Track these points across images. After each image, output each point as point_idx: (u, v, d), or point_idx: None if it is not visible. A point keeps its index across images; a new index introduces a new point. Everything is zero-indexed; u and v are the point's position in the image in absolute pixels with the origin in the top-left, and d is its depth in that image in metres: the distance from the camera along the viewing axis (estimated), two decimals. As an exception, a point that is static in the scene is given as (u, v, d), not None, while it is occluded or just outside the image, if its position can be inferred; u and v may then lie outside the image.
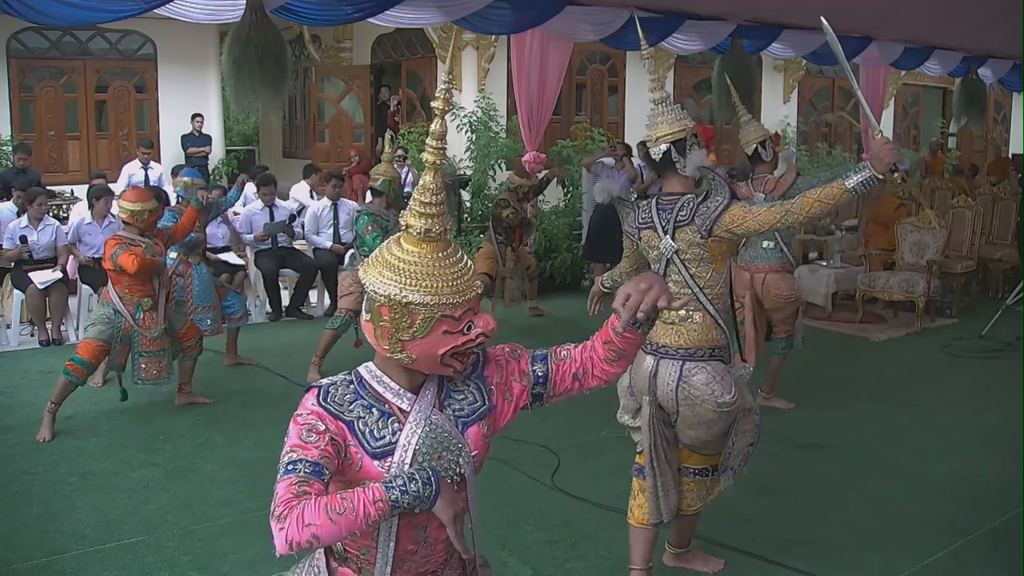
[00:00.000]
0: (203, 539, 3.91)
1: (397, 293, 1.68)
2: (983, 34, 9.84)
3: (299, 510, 1.57)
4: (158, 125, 13.00)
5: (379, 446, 1.74)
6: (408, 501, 1.63)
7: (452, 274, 1.71)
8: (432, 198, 1.73)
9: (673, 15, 8.19)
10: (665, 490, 3.33)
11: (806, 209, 3.05)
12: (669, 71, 13.52)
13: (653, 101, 3.28)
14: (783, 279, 5.48)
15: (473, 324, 1.74)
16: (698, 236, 3.15)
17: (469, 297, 1.72)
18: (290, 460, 1.66)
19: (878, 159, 2.98)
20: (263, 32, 6.06)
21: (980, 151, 17.62)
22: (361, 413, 1.76)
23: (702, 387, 3.17)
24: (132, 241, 5.33)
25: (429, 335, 1.70)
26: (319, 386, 1.78)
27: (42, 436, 5.15)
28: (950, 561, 3.84)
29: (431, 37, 11.59)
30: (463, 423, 1.83)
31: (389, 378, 1.80)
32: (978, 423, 5.66)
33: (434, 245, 1.73)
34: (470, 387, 1.86)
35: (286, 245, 8.52)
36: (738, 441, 3.34)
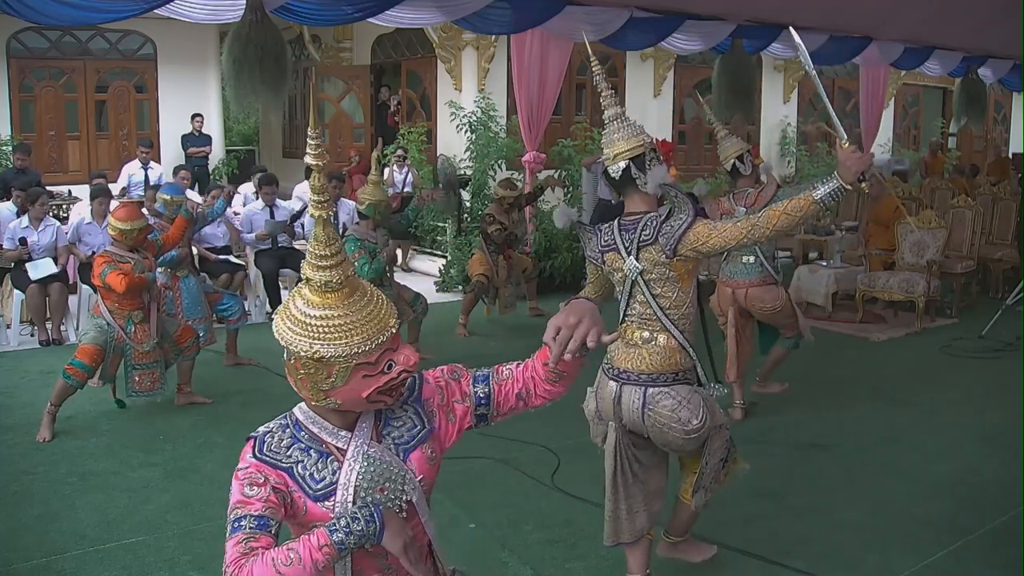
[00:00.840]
0: (203, 539, 3.92)
1: (307, 349, 1.66)
2: (983, 34, 9.85)
3: (248, 568, 1.59)
4: (158, 125, 13.00)
5: (319, 488, 1.74)
6: (354, 541, 1.64)
7: (360, 321, 1.68)
8: (326, 250, 1.69)
9: (673, 15, 8.19)
10: (632, 513, 3.27)
11: (772, 222, 2.96)
12: (669, 71, 13.51)
13: (607, 117, 3.19)
14: (766, 291, 5.44)
15: (394, 363, 1.72)
16: (663, 256, 3.06)
17: (382, 340, 1.68)
18: (236, 518, 1.67)
19: (845, 168, 2.89)
20: (263, 32, 6.06)
21: (980, 151, 17.62)
22: (299, 457, 1.75)
23: (668, 414, 3.09)
24: (121, 258, 5.33)
25: (348, 383, 1.68)
26: (255, 436, 1.78)
27: (42, 436, 5.15)
28: (950, 561, 3.83)
29: (431, 37, 11.58)
30: (404, 450, 1.81)
31: (323, 419, 1.79)
32: (978, 423, 5.65)
33: (338, 294, 1.69)
34: (408, 412, 1.84)
35: (286, 245, 8.52)
36: (711, 460, 3.29)
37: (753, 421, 5.56)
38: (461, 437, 1.91)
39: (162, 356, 5.57)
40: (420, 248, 11.33)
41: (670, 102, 13.73)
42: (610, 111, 3.19)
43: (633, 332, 3.18)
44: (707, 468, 3.30)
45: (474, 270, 7.77)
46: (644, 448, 3.26)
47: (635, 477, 3.26)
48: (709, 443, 3.25)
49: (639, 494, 3.28)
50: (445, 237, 10.64)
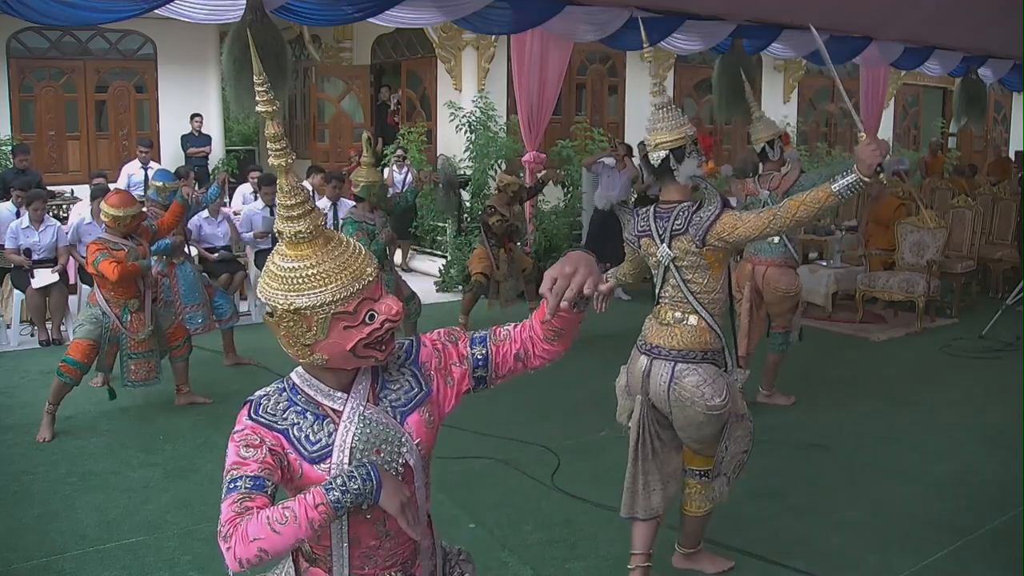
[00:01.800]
0: (203, 539, 3.92)
1: (283, 301, 1.67)
2: (983, 34, 9.85)
3: (243, 527, 1.58)
4: (158, 125, 13.00)
5: (315, 450, 1.73)
6: (350, 500, 1.63)
7: (334, 269, 1.67)
8: (292, 199, 1.69)
9: (673, 15, 8.19)
10: (648, 489, 3.36)
11: (792, 213, 3.07)
12: (669, 71, 13.50)
13: (654, 105, 3.28)
14: (784, 274, 5.49)
15: (375, 312, 1.70)
16: (693, 245, 3.19)
17: (359, 288, 1.67)
18: (231, 479, 1.67)
19: (861, 161, 2.98)
20: (263, 32, 6.06)
21: (980, 151, 17.61)
22: (295, 419, 1.75)
23: (692, 389, 3.19)
24: (115, 245, 5.31)
25: (330, 334, 1.68)
26: (251, 400, 1.78)
27: (42, 436, 5.15)
28: (950, 561, 3.84)
29: (431, 37, 11.58)
30: (401, 413, 1.80)
31: (318, 380, 1.78)
32: (978, 423, 5.66)
33: (312, 244, 1.69)
34: (405, 375, 1.83)
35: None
36: (731, 447, 3.37)
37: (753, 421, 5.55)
38: (459, 402, 1.89)
39: (157, 346, 5.56)
40: (420, 248, 11.33)
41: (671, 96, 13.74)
42: (658, 99, 3.28)
43: (666, 312, 3.31)
44: (727, 453, 3.37)
45: (474, 267, 7.76)
46: (667, 428, 3.36)
47: (654, 454, 3.36)
48: (730, 430, 3.34)
49: (656, 471, 3.37)
50: (445, 237, 10.64)
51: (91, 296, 5.49)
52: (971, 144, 17.97)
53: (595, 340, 7.31)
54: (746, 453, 3.43)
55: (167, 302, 5.98)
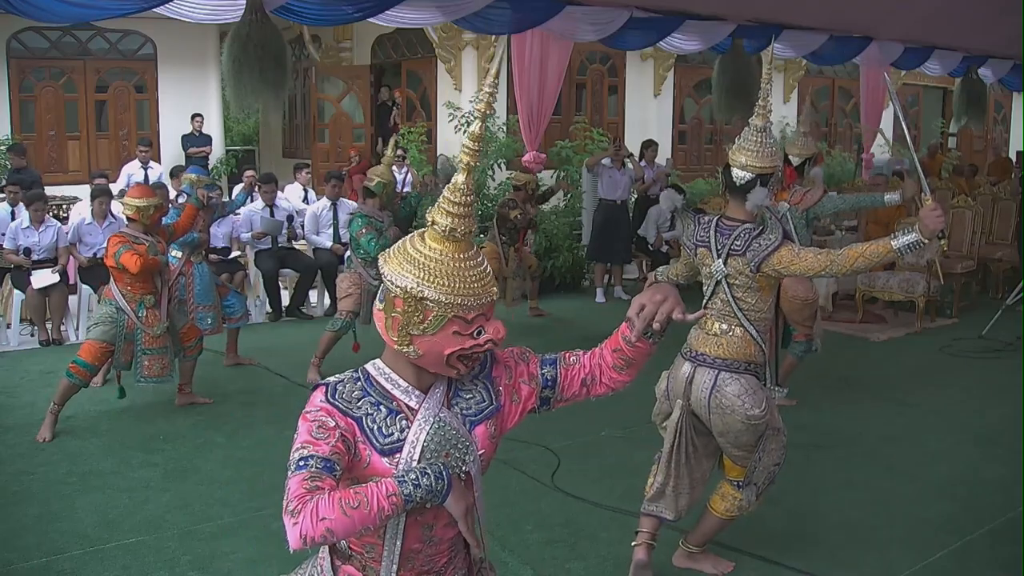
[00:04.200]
0: (203, 539, 3.91)
1: (414, 287, 1.69)
2: (983, 34, 9.84)
3: (312, 505, 1.57)
4: (158, 125, 13.00)
5: (387, 443, 1.75)
6: (421, 495, 1.65)
7: (471, 276, 1.72)
8: (462, 198, 1.74)
9: (673, 15, 8.19)
10: (677, 492, 3.47)
11: (851, 262, 3.15)
12: (669, 71, 13.50)
13: (755, 127, 3.32)
14: (799, 282, 5.46)
15: (484, 330, 1.75)
16: (748, 268, 3.27)
17: (484, 301, 1.73)
18: (301, 456, 1.66)
19: (925, 226, 3.04)
20: (263, 32, 6.06)
21: (980, 151, 17.61)
22: (369, 410, 1.77)
23: (733, 398, 3.26)
24: (135, 239, 5.34)
25: (438, 333, 1.71)
26: (327, 383, 1.79)
27: (42, 436, 5.15)
28: (950, 561, 3.84)
29: (431, 37, 11.58)
30: (471, 422, 1.83)
31: (398, 375, 1.81)
32: (978, 423, 5.66)
33: (457, 245, 1.73)
34: (478, 387, 1.87)
35: (286, 245, 8.52)
36: (764, 458, 3.43)
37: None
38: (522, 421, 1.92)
39: (171, 343, 5.57)
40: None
41: (670, 102, 13.72)
42: (760, 122, 3.33)
43: (712, 324, 3.39)
44: (759, 464, 3.43)
45: None
46: (703, 435, 3.44)
47: (687, 459, 3.45)
48: (765, 441, 3.40)
49: (687, 476, 3.47)
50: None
51: (107, 291, 5.49)
52: (971, 144, 17.96)
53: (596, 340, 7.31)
54: (777, 466, 3.49)
55: (181, 300, 5.98)
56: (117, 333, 5.33)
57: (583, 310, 8.97)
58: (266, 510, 4.22)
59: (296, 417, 1.75)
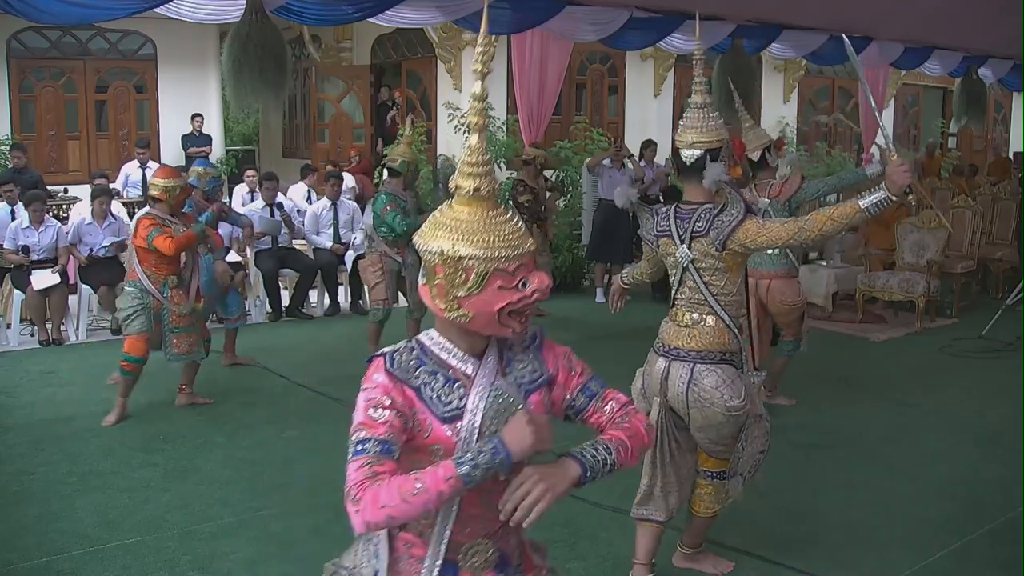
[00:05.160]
0: (203, 539, 3.91)
1: (450, 248, 1.72)
2: (983, 34, 9.84)
3: (373, 491, 1.62)
4: (158, 125, 13.00)
5: (447, 411, 1.77)
6: (480, 474, 1.66)
7: (504, 230, 1.75)
8: (479, 158, 1.77)
9: (673, 15, 8.19)
10: (665, 491, 3.40)
11: (818, 227, 3.09)
12: (669, 71, 13.49)
13: (694, 104, 3.30)
14: (788, 285, 5.45)
15: (528, 281, 1.76)
16: (713, 248, 3.19)
17: (522, 251, 1.75)
18: (359, 439, 1.69)
19: (892, 182, 3.00)
20: (263, 32, 6.06)
21: (980, 151, 17.61)
22: (427, 379, 1.78)
23: (711, 390, 3.20)
24: (164, 221, 5.40)
25: (484, 291, 1.73)
26: (383, 353, 1.80)
27: (108, 421, 5.34)
28: (950, 561, 3.84)
29: (431, 37, 11.58)
30: (525, 390, 1.85)
31: (452, 344, 1.82)
32: (978, 423, 5.66)
33: (484, 204, 1.76)
34: (529, 356, 1.89)
35: (286, 245, 8.52)
36: (748, 447, 3.37)
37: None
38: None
39: (198, 320, 5.66)
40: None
41: (670, 102, 13.71)
42: (699, 98, 3.31)
43: (683, 315, 3.31)
44: (743, 454, 3.36)
45: None
46: (683, 429, 3.38)
47: (671, 457, 3.39)
48: (747, 430, 3.33)
49: (674, 474, 3.40)
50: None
51: (131, 272, 5.55)
52: (971, 144, 17.96)
53: (597, 339, 7.31)
54: (763, 453, 3.43)
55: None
56: (148, 319, 5.41)
57: (583, 310, 8.97)
58: (266, 510, 4.23)
59: (296, 417, 1.75)
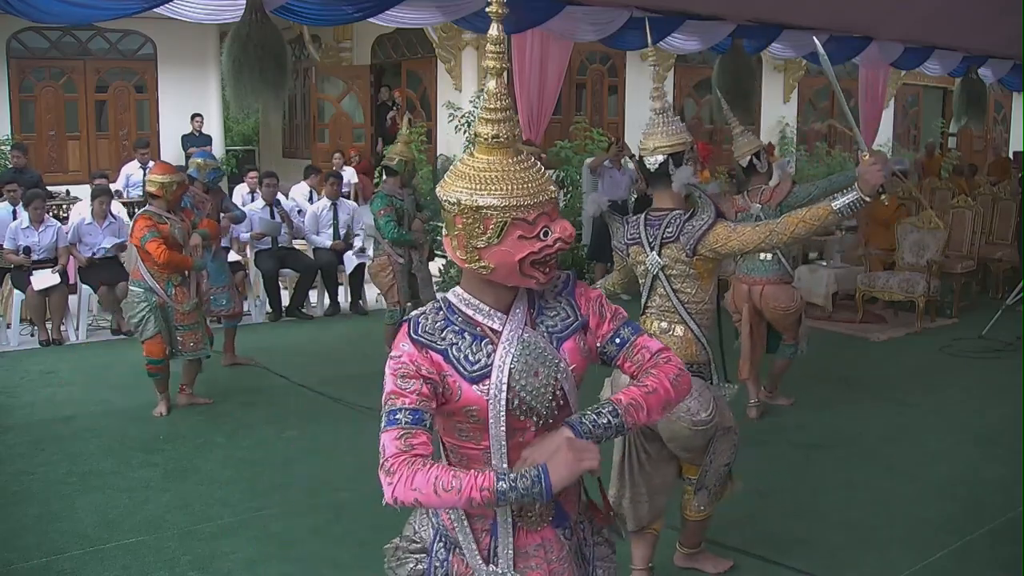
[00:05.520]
0: (203, 539, 3.91)
1: (467, 198, 1.70)
2: (983, 34, 9.85)
3: (411, 472, 1.62)
4: (158, 125, 13.01)
5: (475, 370, 1.75)
6: (516, 496, 1.64)
7: (523, 177, 1.72)
8: (498, 103, 1.75)
9: (673, 15, 8.19)
10: (635, 502, 3.31)
11: (791, 229, 3.03)
12: (669, 71, 13.49)
13: (653, 110, 3.25)
14: (782, 291, 5.42)
15: (550, 230, 1.74)
16: (683, 254, 3.13)
17: (541, 200, 1.72)
18: (391, 409, 1.69)
19: (864, 181, 2.95)
20: (263, 32, 6.06)
21: (980, 151, 17.62)
22: (454, 339, 1.77)
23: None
24: (160, 219, 5.41)
25: (504, 241, 1.71)
26: (408, 319, 1.80)
27: (159, 411, 5.53)
28: (950, 561, 3.84)
29: (431, 37, 11.58)
30: (557, 338, 1.82)
31: (478, 299, 1.80)
32: (978, 423, 5.66)
33: (504, 151, 1.74)
34: (561, 303, 1.87)
35: (286, 245, 8.52)
36: (715, 460, 3.29)
37: (754, 420, 5.55)
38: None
39: (203, 316, 5.71)
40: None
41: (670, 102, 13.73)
42: (657, 104, 3.25)
43: (652, 323, 3.26)
44: (710, 468, 3.30)
45: None
46: (653, 440, 3.30)
47: (641, 467, 3.31)
48: (716, 443, 3.25)
49: (643, 485, 3.32)
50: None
51: (135, 272, 5.57)
52: (971, 144, 17.97)
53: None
54: (727, 466, 3.34)
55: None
56: (158, 320, 5.43)
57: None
58: (266, 510, 4.22)
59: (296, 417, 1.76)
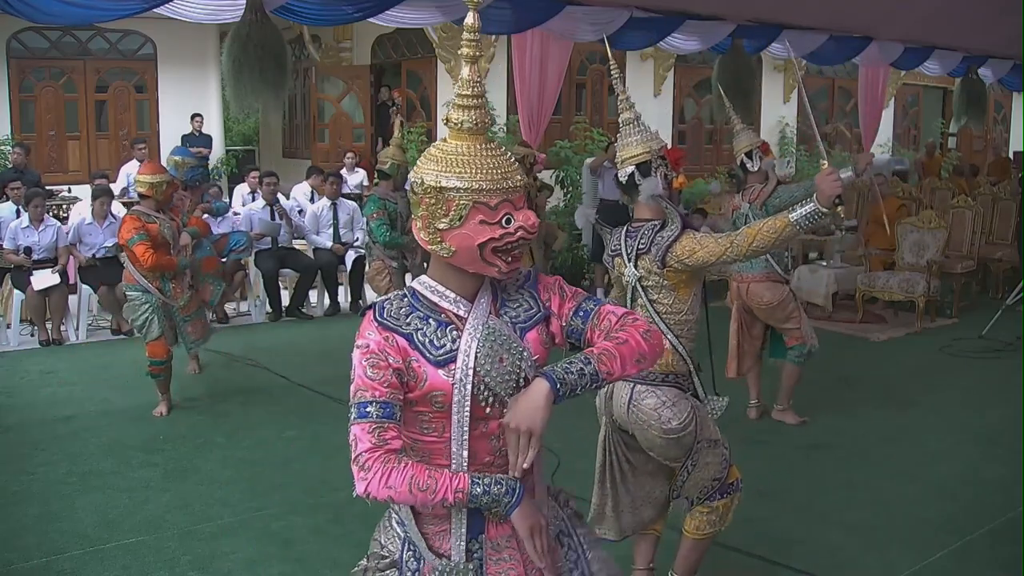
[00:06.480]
0: (203, 539, 3.92)
1: (432, 179, 1.74)
2: (983, 34, 9.85)
3: (386, 470, 1.67)
4: (158, 125, 13.01)
5: (440, 354, 1.77)
6: (487, 501, 1.70)
7: (489, 164, 1.74)
8: (471, 90, 1.78)
9: (673, 15, 8.19)
10: (618, 512, 3.27)
11: (749, 242, 3.01)
12: (669, 71, 13.49)
13: (621, 121, 3.22)
14: (766, 288, 5.38)
15: (512, 218, 1.75)
16: (655, 265, 3.11)
17: (505, 186, 1.74)
18: (360, 402, 1.71)
19: (821, 191, 2.93)
20: (263, 32, 6.06)
21: (980, 151, 17.62)
22: (418, 324, 1.79)
23: (650, 411, 3.06)
24: (148, 218, 5.40)
25: (465, 224, 1.73)
26: (374, 304, 1.81)
27: (159, 411, 5.53)
28: (950, 561, 3.84)
29: (431, 37, 11.58)
30: (521, 328, 1.84)
31: (443, 286, 1.82)
32: (978, 423, 5.66)
33: (475, 137, 1.77)
34: (524, 295, 1.88)
35: (286, 245, 8.52)
36: (696, 472, 3.17)
37: (754, 421, 5.56)
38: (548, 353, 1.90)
39: (202, 304, 5.81)
40: (420, 248, 11.32)
41: (670, 102, 13.73)
42: (624, 115, 3.22)
43: None
44: (688, 478, 3.18)
45: None
46: (636, 451, 3.23)
47: (623, 476, 3.27)
48: (698, 455, 3.16)
49: (627, 494, 3.27)
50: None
51: (127, 276, 5.56)
52: (971, 144, 17.97)
53: (595, 340, 7.30)
54: (717, 480, 3.22)
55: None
56: (160, 321, 5.43)
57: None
58: (266, 510, 4.23)
59: (296, 417, 1.76)
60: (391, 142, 6.68)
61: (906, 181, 12.50)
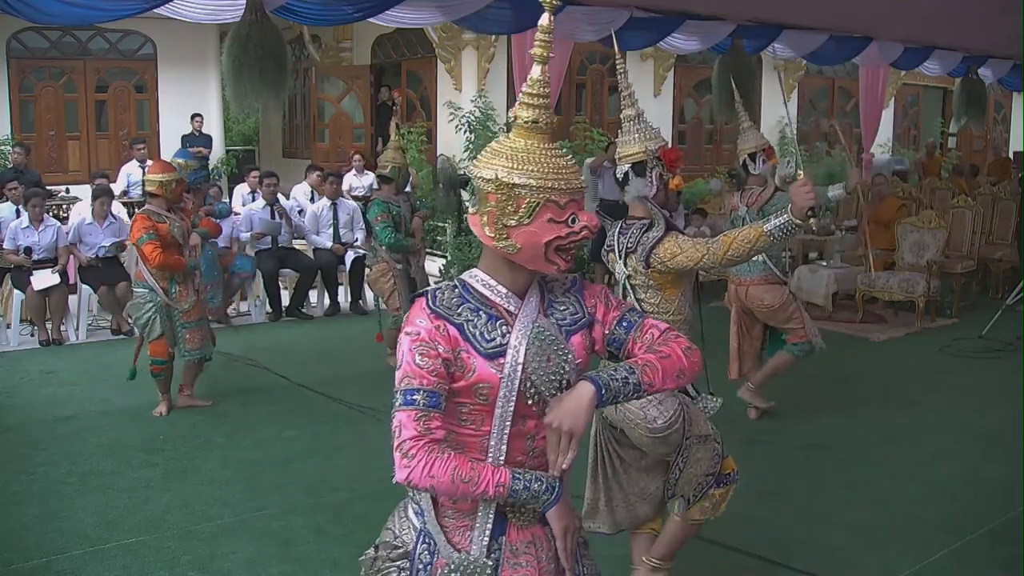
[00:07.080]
0: (203, 539, 3.92)
1: (505, 175, 1.74)
2: (983, 34, 9.85)
3: (430, 459, 1.68)
4: (158, 125, 13.01)
5: (491, 347, 1.78)
6: (527, 497, 1.72)
7: (557, 164, 1.76)
8: (540, 90, 1.80)
9: (673, 15, 8.19)
10: (611, 506, 3.27)
11: (724, 250, 3.07)
12: (669, 71, 13.49)
13: (623, 117, 3.24)
14: (765, 290, 5.39)
15: (577, 217, 1.77)
16: (640, 265, 3.15)
17: (574, 186, 1.76)
18: (408, 388, 1.72)
19: (794, 203, 2.96)
20: (263, 32, 6.06)
21: (980, 151, 17.62)
22: (469, 316, 1.79)
23: (636, 410, 3.04)
24: (158, 218, 5.41)
25: (534, 221, 1.74)
26: (426, 292, 1.82)
27: (159, 411, 5.54)
28: (950, 561, 3.84)
29: (431, 37, 11.58)
30: (566, 331, 1.85)
31: (495, 280, 1.82)
32: (978, 423, 5.66)
33: (541, 136, 1.79)
34: (570, 299, 1.90)
35: (286, 245, 8.52)
36: (688, 468, 3.16)
37: (754, 421, 5.55)
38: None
39: (205, 313, 5.78)
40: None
41: (670, 102, 13.73)
42: (626, 111, 3.22)
43: None
44: (680, 475, 3.17)
45: None
46: (628, 447, 3.23)
47: (615, 471, 3.27)
48: (688, 451, 3.14)
49: (619, 490, 3.27)
50: (445, 237, 10.64)
51: (137, 273, 5.59)
52: (971, 144, 17.97)
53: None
54: (710, 476, 3.20)
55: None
56: (163, 319, 5.45)
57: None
58: (266, 510, 4.23)
59: (296, 417, 1.76)
60: (389, 145, 6.66)
61: (906, 181, 12.50)
